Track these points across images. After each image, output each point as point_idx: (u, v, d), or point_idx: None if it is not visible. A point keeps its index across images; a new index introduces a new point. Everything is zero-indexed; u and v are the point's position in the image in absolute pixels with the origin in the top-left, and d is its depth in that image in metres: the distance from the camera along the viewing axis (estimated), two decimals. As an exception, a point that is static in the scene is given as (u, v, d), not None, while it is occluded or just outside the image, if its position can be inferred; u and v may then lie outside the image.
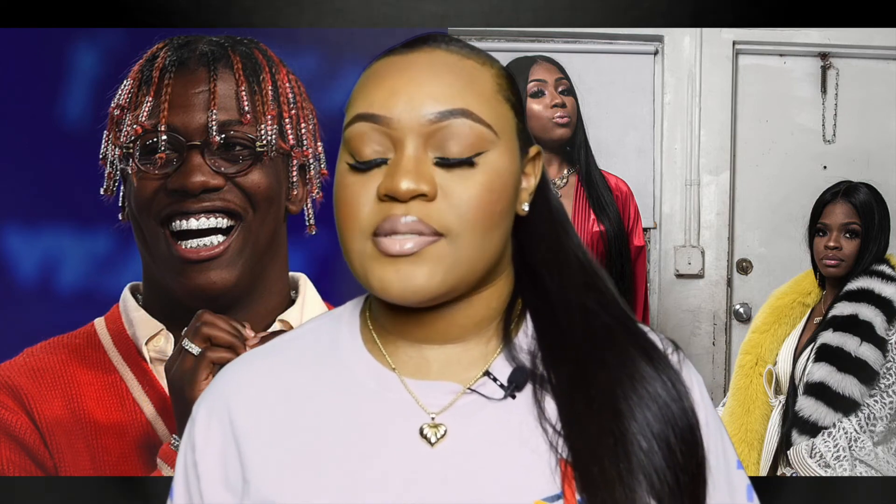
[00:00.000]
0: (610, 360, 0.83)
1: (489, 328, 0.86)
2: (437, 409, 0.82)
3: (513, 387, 0.83)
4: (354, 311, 0.90)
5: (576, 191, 2.45)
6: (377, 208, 0.78)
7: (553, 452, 0.80)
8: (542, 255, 0.87)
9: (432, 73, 0.80)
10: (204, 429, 0.87)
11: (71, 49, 1.79)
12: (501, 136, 0.81)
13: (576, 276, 0.88)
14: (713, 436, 0.86)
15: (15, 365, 1.51)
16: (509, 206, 0.82)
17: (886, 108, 3.18)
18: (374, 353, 0.86)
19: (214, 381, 0.90)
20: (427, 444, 0.81)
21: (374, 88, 0.80)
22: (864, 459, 2.15)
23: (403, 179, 0.77)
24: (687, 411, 0.83)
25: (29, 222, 1.79)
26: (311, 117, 1.57)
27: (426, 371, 0.84)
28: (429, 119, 0.78)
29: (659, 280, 3.32)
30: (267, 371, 0.88)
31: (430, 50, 0.82)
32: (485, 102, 0.81)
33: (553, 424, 0.81)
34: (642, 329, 0.88)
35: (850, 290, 2.25)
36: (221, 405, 0.87)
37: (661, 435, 0.80)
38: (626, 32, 3.22)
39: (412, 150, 0.78)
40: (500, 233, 0.82)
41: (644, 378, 0.82)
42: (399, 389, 0.84)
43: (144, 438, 1.49)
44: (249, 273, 1.49)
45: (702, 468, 0.82)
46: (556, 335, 0.85)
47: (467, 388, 0.83)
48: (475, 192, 0.79)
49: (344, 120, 0.83)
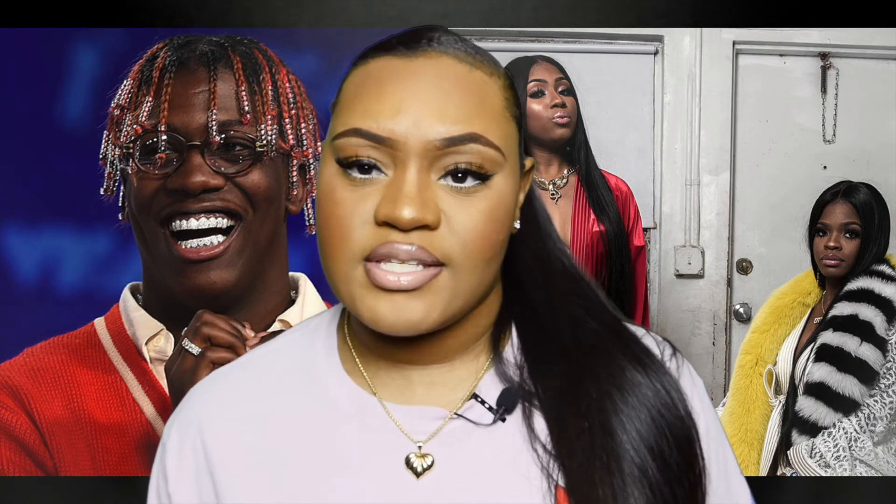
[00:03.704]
0: (599, 370, 0.79)
1: (477, 345, 0.81)
2: (423, 436, 0.77)
3: (502, 410, 0.78)
4: (331, 326, 0.84)
5: (576, 191, 2.45)
6: (373, 232, 0.71)
7: (545, 477, 0.76)
8: (527, 262, 0.83)
9: (440, 88, 0.72)
10: (176, 458, 0.81)
11: (71, 49, 1.79)
12: (508, 158, 0.75)
13: (561, 282, 0.83)
14: (714, 444, 0.82)
15: (15, 365, 1.51)
16: (508, 232, 0.77)
17: (886, 108, 3.18)
18: (354, 374, 0.81)
19: (186, 402, 0.84)
20: (413, 476, 0.76)
21: (375, 100, 0.72)
22: (864, 459, 2.15)
23: (406, 207, 0.70)
24: (683, 420, 0.79)
25: (29, 222, 1.79)
26: (311, 117, 1.57)
27: (409, 395, 0.79)
28: (435, 144, 0.71)
29: (659, 280, 3.32)
30: (241, 394, 0.82)
31: (436, 55, 0.74)
32: (494, 123, 0.74)
33: (544, 445, 0.77)
34: (634, 333, 0.84)
35: (850, 290, 2.25)
36: (194, 431, 0.81)
37: (656, 447, 0.77)
38: (626, 32, 3.22)
39: (415, 173, 0.71)
40: (500, 260, 0.77)
41: (635, 387, 0.78)
42: (381, 416, 0.78)
43: (144, 438, 1.49)
44: (249, 273, 1.49)
45: (700, 478, 0.79)
46: (543, 347, 0.81)
47: (454, 412, 0.78)
48: (479, 220, 0.72)
49: (331, 119, 0.76)
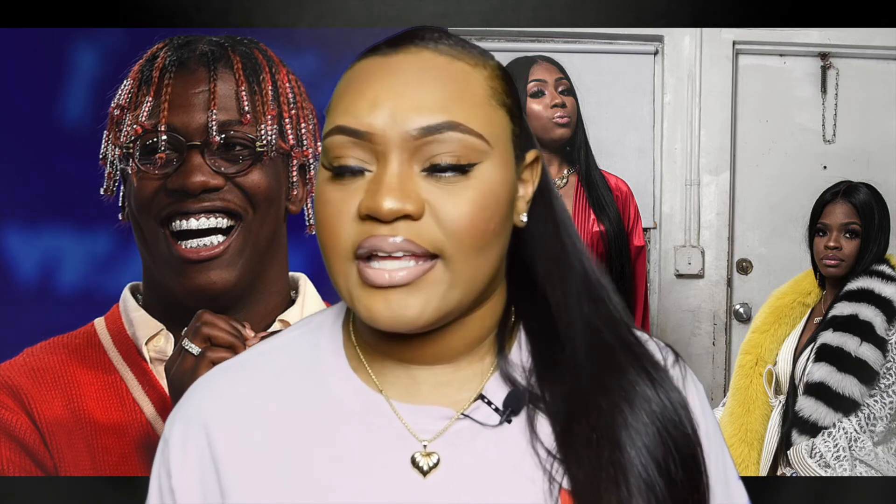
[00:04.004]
0: (610, 383, 0.79)
1: (482, 346, 0.81)
2: (429, 435, 0.77)
3: (508, 412, 0.78)
4: (336, 324, 0.84)
5: (576, 191, 2.45)
6: (359, 228, 0.72)
7: (549, 480, 0.76)
8: (545, 267, 0.82)
9: (417, 80, 0.73)
10: (180, 453, 0.81)
11: (71, 49, 1.79)
12: (495, 146, 0.75)
13: (578, 285, 0.82)
14: (714, 448, 0.83)
15: (15, 365, 1.51)
16: (505, 222, 0.76)
17: (886, 108, 3.18)
18: (360, 372, 0.81)
19: (187, 399, 0.84)
20: (419, 474, 0.76)
21: (355, 97, 0.74)
22: (864, 459, 2.15)
23: (386, 198, 0.71)
24: (689, 438, 0.80)
25: (29, 222, 1.79)
26: (311, 117, 1.57)
27: (415, 394, 0.79)
28: (413, 135, 0.72)
29: (659, 280, 3.32)
30: (245, 390, 0.82)
31: (416, 50, 0.75)
32: (476, 110, 0.74)
33: (549, 449, 0.77)
34: (645, 347, 0.84)
35: (850, 290, 2.25)
36: (197, 426, 0.81)
37: (662, 463, 0.77)
38: (626, 32, 3.22)
39: (396, 166, 0.72)
40: (496, 251, 0.76)
41: (645, 402, 0.79)
42: (388, 414, 0.78)
43: (144, 438, 1.49)
44: (249, 273, 1.49)
45: (700, 486, 0.79)
46: (554, 352, 0.80)
47: (461, 413, 0.78)
48: (466, 209, 0.72)
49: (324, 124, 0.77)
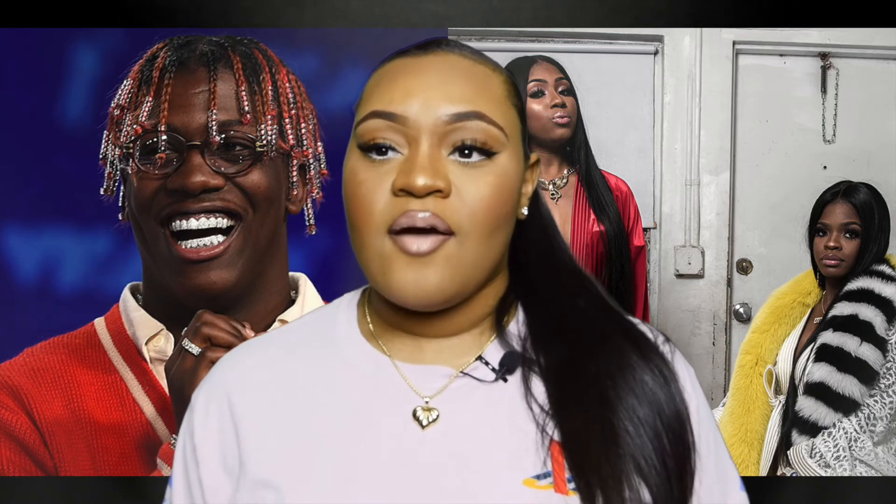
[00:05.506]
0: (599, 349, 0.86)
1: (484, 322, 0.88)
2: (430, 392, 0.85)
3: (504, 370, 0.85)
4: (352, 303, 0.92)
5: (576, 191, 2.45)
6: (393, 203, 0.80)
7: (542, 433, 0.82)
8: (535, 258, 0.90)
9: (447, 75, 0.83)
10: (203, 415, 0.89)
11: (71, 49, 1.79)
12: (510, 140, 0.84)
13: (565, 276, 0.91)
14: (704, 424, 0.87)
15: (15, 365, 1.51)
16: (513, 210, 0.85)
17: (886, 108, 3.18)
18: (370, 340, 0.89)
19: (212, 371, 0.92)
20: (419, 427, 0.83)
21: (389, 87, 0.82)
22: (864, 459, 2.15)
23: (420, 175, 0.79)
24: (674, 397, 0.85)
25: (29, 222, 1.79)
26: (311, 117, 1.57)
27: (420, 357, 0.87)
28: (444, 120, 0.81)
29: (659, 280, 3.32)
30: (264, 360, 0.90)
31: (443, 54, 0.84)
32: (496, 106, 0.83)
33: (541, 405, 0.84)
34: (632, 321, 0.91)
35: (850, 290, 2.25)
36: (220, 391, 0.89)
37: (648, 421, 0.83)
38: (626, 32, 3.22)
39: (427, 148, 0.80)
40: (503, 235, 0.84)
41: (632, 367, 0.85)
42: (393, 374, 0.86)
43: (144, 438, 1.49)
44: (249, 273, 1.49)
45: (689, 453, 0.85)
46: (547, 323, 0.88)
47: (460, 371, 0.86)
48: (487, 191, 0.81)
49: (354, 119, 0.85)
